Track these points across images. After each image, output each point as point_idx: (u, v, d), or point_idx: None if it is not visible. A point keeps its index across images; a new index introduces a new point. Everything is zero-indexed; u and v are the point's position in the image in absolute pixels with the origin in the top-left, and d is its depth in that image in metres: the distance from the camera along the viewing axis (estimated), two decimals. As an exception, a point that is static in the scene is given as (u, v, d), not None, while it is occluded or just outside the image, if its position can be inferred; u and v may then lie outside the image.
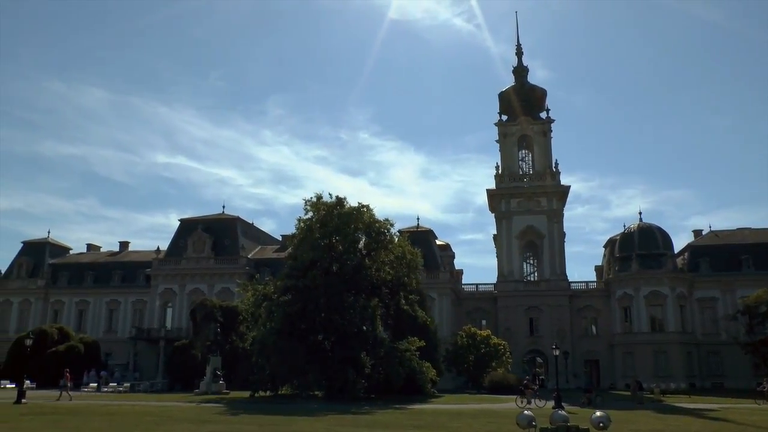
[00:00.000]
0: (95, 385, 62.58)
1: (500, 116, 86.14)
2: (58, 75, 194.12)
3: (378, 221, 49.78)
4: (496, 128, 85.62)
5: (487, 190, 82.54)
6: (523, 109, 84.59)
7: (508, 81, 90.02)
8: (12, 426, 26.02)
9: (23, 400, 40.14)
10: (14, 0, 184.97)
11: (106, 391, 58.24)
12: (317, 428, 24.71)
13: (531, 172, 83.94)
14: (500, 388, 55.10)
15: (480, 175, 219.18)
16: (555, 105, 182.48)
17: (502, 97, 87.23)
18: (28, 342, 55.54)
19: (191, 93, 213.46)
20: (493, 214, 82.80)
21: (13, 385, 56.73)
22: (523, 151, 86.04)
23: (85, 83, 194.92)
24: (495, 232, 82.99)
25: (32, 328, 74.28)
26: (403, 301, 51.42)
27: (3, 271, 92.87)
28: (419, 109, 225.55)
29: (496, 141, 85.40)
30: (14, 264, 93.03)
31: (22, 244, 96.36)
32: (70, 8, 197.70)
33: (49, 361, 68.56)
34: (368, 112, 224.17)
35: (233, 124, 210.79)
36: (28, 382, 47.84)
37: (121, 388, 59.69)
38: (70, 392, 45.67)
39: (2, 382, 64.43)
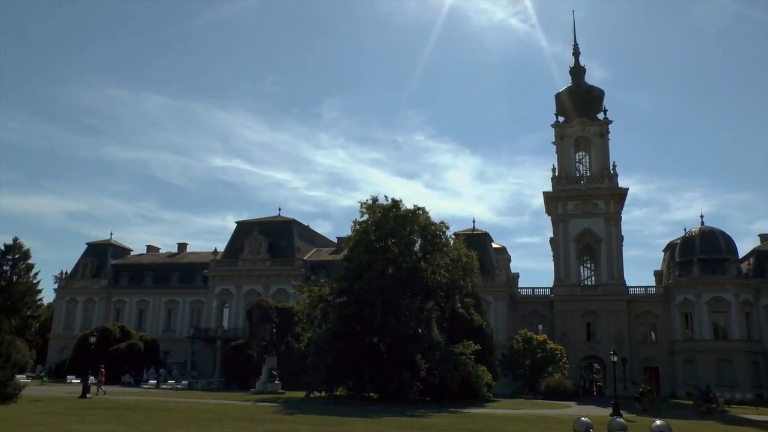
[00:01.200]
0: (154, 382, 63.98)
1: (556, 117, 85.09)
2: (121, 82, 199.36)
3: (433, 224, 49.62)
4: (552, 130, 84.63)
5: (543, 192, 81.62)
6: (579, 110, 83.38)
7: (565, 82, 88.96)
8: (78, 419, 26.86)
9: (88, 395, 41.41)
10: (78, 10, 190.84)
11: (165, 388, 59.53)
12: (371, 430, 24.73)
13: (588, 174, 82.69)
14: (557, 394, 54.39)
15: (536, 178, 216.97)
16: (613, 105, 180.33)
17: (559, 98, 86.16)
18: (92, 339, 57.32)
19: (248, 97, 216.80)
20: (550, 217, 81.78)
21: (79, 381, 58.52)
22: (580, 153, 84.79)
23: (146, 89, 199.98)
24: (551, 236, 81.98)
25: (96, 326, 76.45)
26: (459, 305, 51.07)
27: (69, 271, 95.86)
28: (474, 110, 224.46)
29: (553, 143, 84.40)
30: (79, 264, 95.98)
31: (86, 246, 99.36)
32: (132, 16, 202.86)
33: (111, 358, 70.44)
34: (423, 114, 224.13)
35: (289, 128, 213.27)
36: (92, 378, 49.21)
37: (179, 386, 60.88)
38: (103, 388, 47.84)
39: (68, 377, 66.65)
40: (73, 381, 62.54)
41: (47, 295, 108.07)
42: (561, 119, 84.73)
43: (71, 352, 78.01)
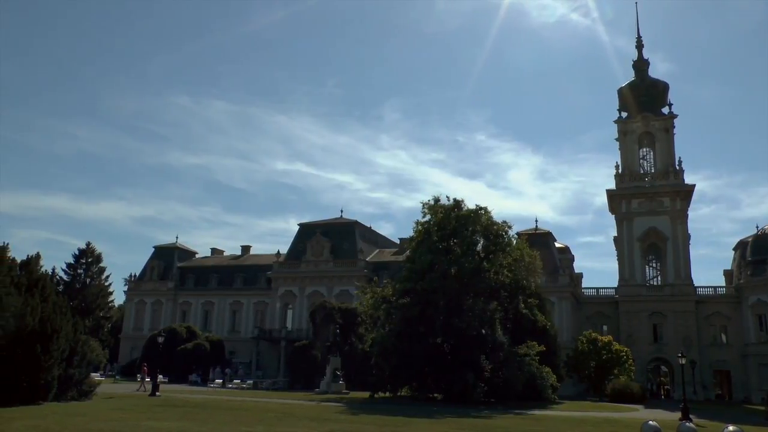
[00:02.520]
0: (221, 381, 65.24)
1: (619, 113, 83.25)
2: (184, 89, 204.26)
3: (496, 223, 49.29)
4: (615, 126, 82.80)
5: (606, 190, 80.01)
6: (643, 104, 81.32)
7: (627, 76, 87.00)
8: (148, 416, 27.74)
9: (157, 393, 42.59)
10: (141, 22, 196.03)
11: (231, 387, 60.62)
12: (436, 430, 24.74)
13: (653, 170, 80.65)
14: (623, 397, 53.16)
15: (599, 175, 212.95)
16: (678, 99, 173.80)
17: (622, 93, 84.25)
18: (160, 339, 58.89)
19: (309, 101, 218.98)
20: (614, 216, 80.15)
21: (148, 379, 60.19)
22: (645, 149, 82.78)
23: (208, 96, 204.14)
24: (615, 234, 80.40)
25: (163, 327, 78.39)
26: (522, 305, 50.64)
27: (138, 274, 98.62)
28: (535, 108, 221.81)
29: (616, 139, 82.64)
30: (147, 267, 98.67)
31: (153, 249, 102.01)
32: (192, 25, 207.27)
33: (179, 358, 72.28)
34: (484, 114, 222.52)
35: (350, 130, 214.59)
36: (161, 376, 50.71)
37: (244, 385, 61.91)
38: (146, 384, 49.90)
39: (139, 375, 68.49)
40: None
41: (118, 297, 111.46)
42: (624, 115, 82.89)
43: (141, 351, 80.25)
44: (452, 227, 47.73)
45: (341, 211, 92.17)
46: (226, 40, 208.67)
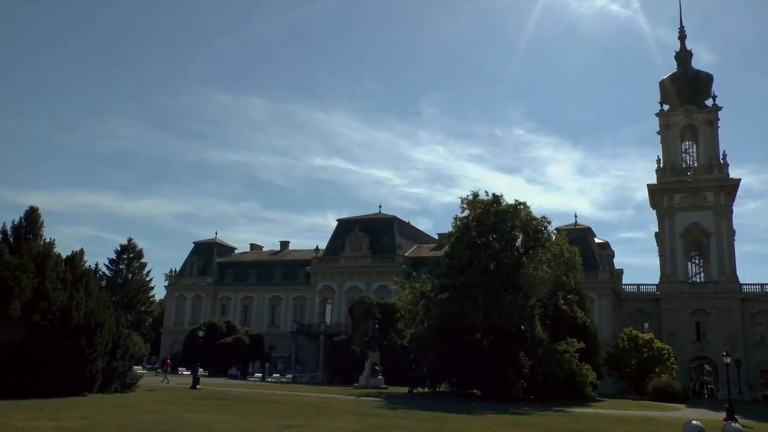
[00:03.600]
0: (260, 375, 65.83)
1: (661, 106, 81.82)
2: (224, 87, 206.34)
3: (535, 219, 48.78)
4: (656, 119, 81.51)
5: (647, 185, 78.79)
6: (686, 97, 79.84)
7: (669, 68, 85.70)
8: (190, 408, 28.09)
9: (198, 386, 43.14)
10: (181, 19, 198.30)
11: (270, 381, 61.17)
12: (474, 427, 24.59)
13: (695, 164, 79.25)
14: (664, 396, 52.34)
15: (640, 170, 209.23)
16: (722, 91, 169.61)
17: (663, 85, 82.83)
18: (201, 333, 59.59)
19: (346, 97, 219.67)
20: (655, 211, 78.94)
21: (188, 372, 61.11)
22: (687, 143, 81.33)
23: (247, 94, 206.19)
24: (657, 230, 79.15)
25: (203, 321, 79.35)
26: (562, 301, 50.08)
27: (178, 270, 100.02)
28: (575, 102, 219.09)
29: (657, 133, 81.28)
30: (187, 263, 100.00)
31: (193, 245, 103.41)
32: (232, 22, 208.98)
33: (218, 352, 73.15)
34: (523, 108, 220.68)
35: (388, 126, 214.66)
36: (201, 369, 51.43)
37: (283, 379, 62.44)
38: (168, 377, 52.28)
39: (179, 369, 69.73)
40: (184, 372, 65.30)
41: (159, 292, 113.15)
42: (666, 108, 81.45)
43: (181, 345, 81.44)
44: (491, 222, 47.39)
45: (380, 207, 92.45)
46: (264, 38, 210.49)
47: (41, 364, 31.08)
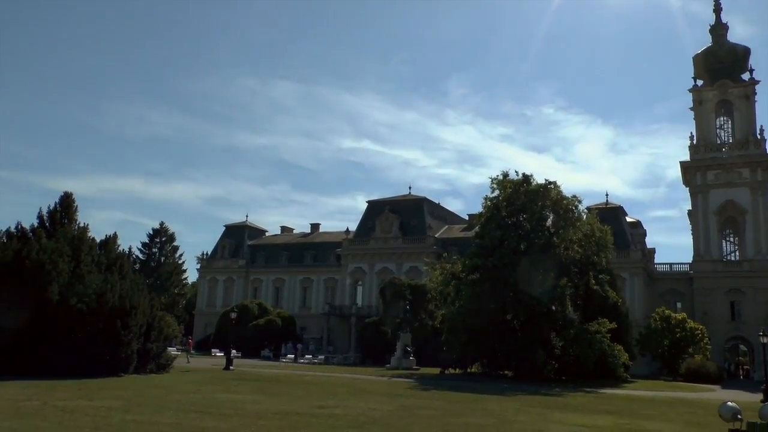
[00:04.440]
0: (292, 356, 66.43)
1: (695, 81, 79.92)
2: (251, 71, 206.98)
3: (565, 198, 48.39)
4: (689, 95, 79.74)
5: (680, 162, 77.35)
6: (721, 71, 77.67)
7: (703, 42, 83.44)
8: (224, 388, 28.52)
9: (231, 367, 43.72)
10: (208, 3, 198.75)
11: (302, 362, 61.68)
12: (506, 408, 24.59)
13: (731, 140, 77.38)
14: (698, 377, 51.75)
15: (672, 147, 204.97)
16: (760, 64, 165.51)
17: (697, 59, 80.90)
18: (233, 315, 60.34)
19: (374, 78, 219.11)
20: (688, 189, 77.60)
21: (222, 354, 61.92)
22: (722, 118, 79.47)
23: (274, 77, 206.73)
24: (690, 208, 77.91)
25: (235, 304, 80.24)
26: (593, 281, 49.66)
27: (209, 253, 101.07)
28: (605, 79, 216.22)
29: (690, 109, 79.61)
30: (218, 246, 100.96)
31: (224, 228, 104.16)
32: (260, 6, 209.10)
33: (251, 333, 73.96)
34: (552, 86, 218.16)
35: (416, 107, 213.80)
36: (234, 351, 52.06)
37: (315, 360, 62.91)
38: (190, 357, 53.42)
39: (213, 350, 70.71)
40: (217, 354, 66.18)
41: (191, 274, 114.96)
42: (699, 83, 79.59)
43: (214, 327, 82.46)
44: (521, 202, 47.15)
45: (409, 188, 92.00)
46: (291, 20, 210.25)
47: (79, 346, 31.76)
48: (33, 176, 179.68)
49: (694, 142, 76.91)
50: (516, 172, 49.29)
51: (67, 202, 39.56)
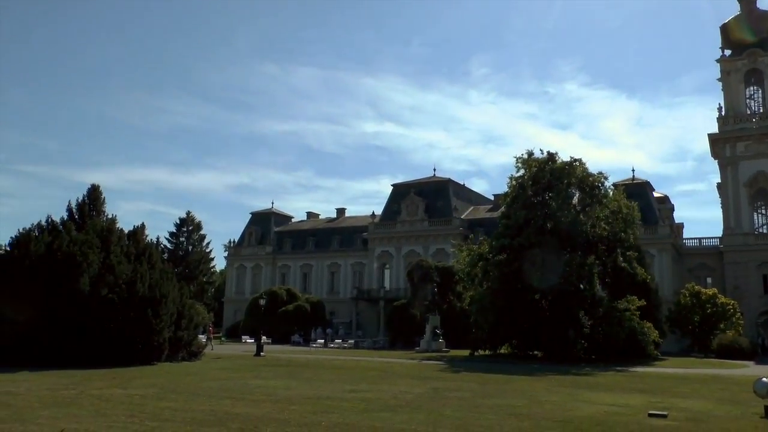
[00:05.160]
0: (322, 341, 66.82)
1: (722, 51, 78.19)
2: (271, 58, 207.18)
3: (591, 175, 47.87)
4: (717, 66, 78.25)
5: (708, 134, 76.02)
6: (751, 39, 76.41)
7: (731, 11, 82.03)
8: (255, 375, 28.80)
9: (262, 353, 44.09)
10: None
11: (332, 347, 61.96)
12: (537, 388, 24.56)
13: (761, 110, 76.00)
14: (730, 353, 51.00)
15: (699, 119, 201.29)
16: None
17: (725, 28, 79.05)
18: (262, 302, 60.84)
19: (395, 61, 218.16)
20: (717, 161, 76.35)
21: (252, 340, 62.49)
22: (752, 88, 77.71)
23: (295, 63, 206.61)
24: (719, 181, 76.79)
25: (264, 290, 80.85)
26: (621, 258, 49.11)
27: (236, 240, 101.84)
28: (629, 52, 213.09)
29: (718, 79, 78.10)
30: (245, 233, 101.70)
31: (250, 215, 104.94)
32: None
33: (280, 319, 74.55)
34: (575, 62, 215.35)
35: (438, 88, 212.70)
36: (264, 337, 52.45)
37: (345, 345, 63.13)
38: (212, 343, 53.58)
39: (243, 337, 71.42)
40: (247, 341, 66.79)
41: (219, 262, 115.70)
42: (728, 53, 78.00)
43: (244, 314, 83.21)
44: (547, 181, 46.73)
45: (434, 170, 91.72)
46: (309, 6, 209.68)
47: (112, 335, 32.23)
48: (60, 170, 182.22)
49: (723, 113, 75.51)
50: (541, 150, 48.88)
51: (94, 195, 40.05)
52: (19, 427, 13.47)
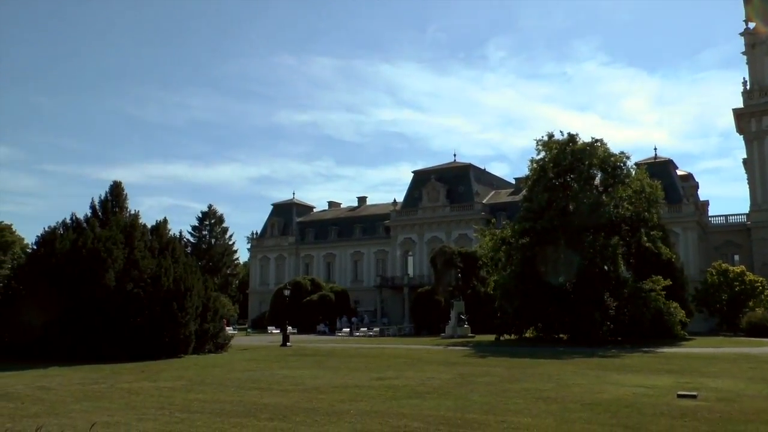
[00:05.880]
0: (347, 330, 67.03)
1: (746, 24, 76.95)
2: (286, 49, 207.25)
3: (613, 155, 47.31)
4: (741, 39, 76.93)
5: (733, 109, 74.75)
6: (776, 11, 74.72)
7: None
8: (282, 365, 28.86)
9: (288, 344, 44.29)
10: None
11: (358, 336, 62.05)
12: (565, 371, 24.44)
13: (789, 82, 74.46)
14: (760, 331, 50.24)
15: (722, 95, 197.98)
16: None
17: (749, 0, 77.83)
18: (286, 292, 61.01)
19: (411, 48, 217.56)
20: (742, 136, 75.10)
21: (277, 331, 62.80)
22: (778, 59, 76.38)
23: (311, 53, 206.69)
24: (745, 156, 75.63)
25: (288, 280, 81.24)
26: (645, 238, 48.50)
27: (259, 232, 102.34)
28: (649, 29, 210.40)
29: (742, 53, 76.52)
30: (267, 225, 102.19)
31: (272, 207, 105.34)
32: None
33: (305, 309, 74.82)
34: (594, 42, 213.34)
35: (455, 73, 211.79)
36: (289, 327, 52.66)
37: (371, 333, 63.23)
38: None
39: (269, 327, 71.86)
40: (273, 331, 67.17)
41: (242, 254, 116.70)
42: (751, 25, 76.54)
43: (268, 305, 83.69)
44: (568, 162, 46.29)
45: (454, 155, 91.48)
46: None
47: (139, 329, 32.54)
48: (82, 168, 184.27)
49: (748, 87, 74.19)
50: (561, 132, 48.41)
51: (117, 191, 40.37)
52: (54, 421, 13.65)
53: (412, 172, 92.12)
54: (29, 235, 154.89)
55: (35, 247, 36.16)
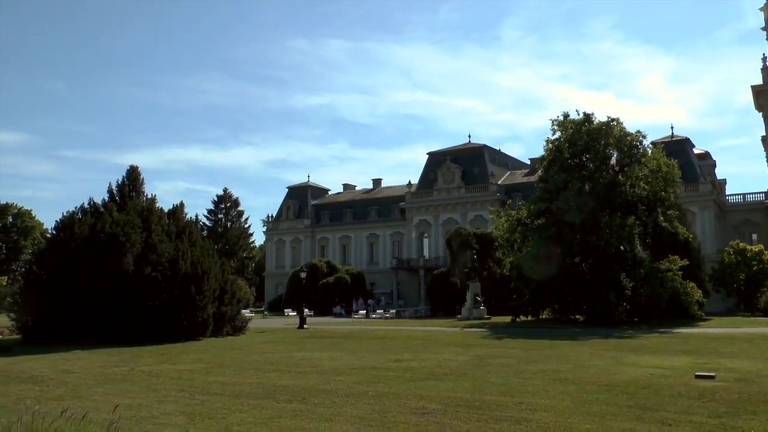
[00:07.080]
0: (364, 312, 67.31)
1: (766, -2, 75.71)
2: (299, 32, 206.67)
3: (629, 134, 46.91)
4: (760, 14, 75.48)
5: (752, 86, 73.75)
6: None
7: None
8: (300, 347, 29.07)
9: (305, 326, 44.60)
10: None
11: (374, 318, 62.26)
12: (581, 352, 24.43)
13: (810, 57, 73.27)
14: (778, 311, 50.32)
15: (740, 72, 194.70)
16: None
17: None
18: (303, 275, 61.34)
19: (424, 29, 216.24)
20: (761, 114, 74.03)
21: (294, 313, 63.20)
22: (798, 35, 75.11)
23: (324, 36, 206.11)
24: (764, 134, 74.83)
25: (304, 263, 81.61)
26: (661, 218, 48.35)
27: (274, 215, 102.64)
28: (664, 5, 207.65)
29: (762, 29, 75.39)
30: (283, 207, 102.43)
31: (287, 190, 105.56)
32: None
33: (321, 292, 75.22)
34: (609, 20, 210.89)
35: (469, 54, 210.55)
36: (306, 309, 52.96)
37: (387, 315, 63.44)
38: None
39: (285, 310, 72.28)
40: (290, 314, 67.58)
41: (258, 237, 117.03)
42: (771, -1, 75.18)
43: (285, 287, 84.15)
44: (584, 142, 46.01)
45: (469, 137, 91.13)
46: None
47: (158, 313, 32.84)
48: (99, 153, 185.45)
49: (767, 63, 73.27)
50: (577, 111, 48.10)
51: (133, 176, 40.59)
52: (77, 404, 13.84)
53: (427, 153, 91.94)
54: (48, 220, 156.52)
55: (54, 232, 36.48)
